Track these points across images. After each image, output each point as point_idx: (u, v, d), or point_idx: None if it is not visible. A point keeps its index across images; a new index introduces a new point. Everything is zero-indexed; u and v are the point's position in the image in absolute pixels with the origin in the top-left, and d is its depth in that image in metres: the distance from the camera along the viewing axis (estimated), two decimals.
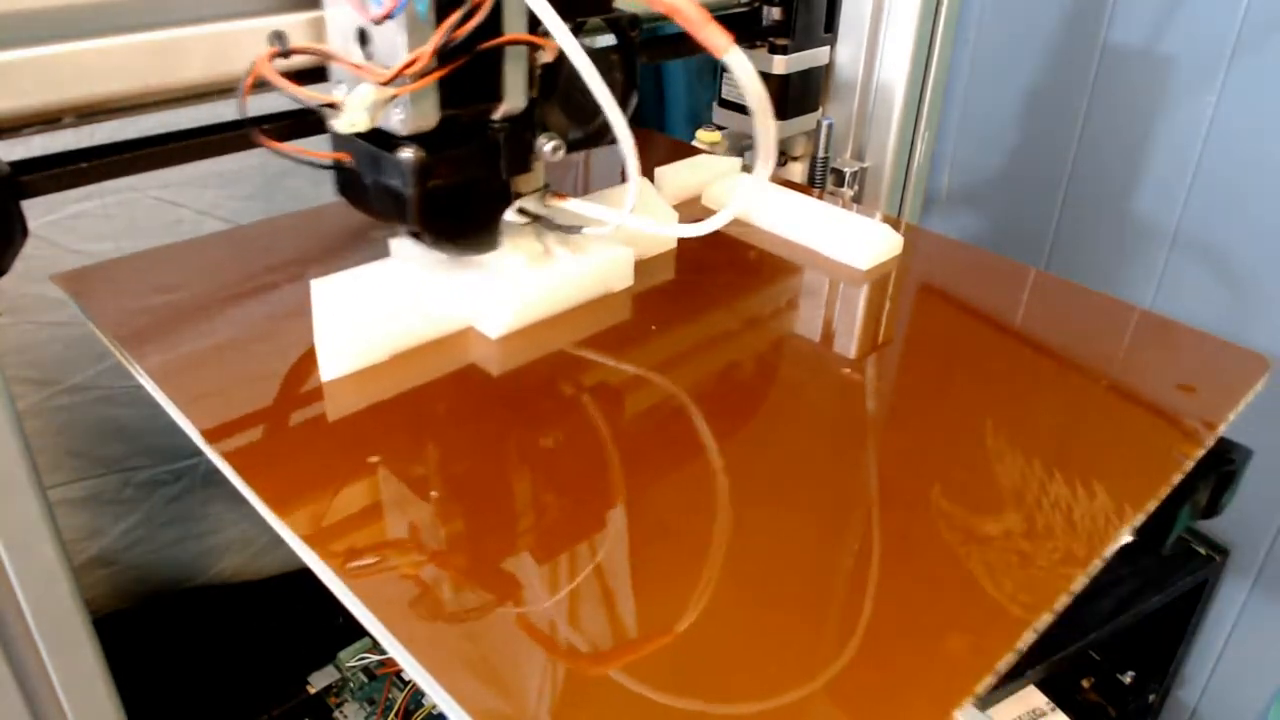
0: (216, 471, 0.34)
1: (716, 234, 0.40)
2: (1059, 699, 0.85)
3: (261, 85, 0.35)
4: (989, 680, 0.27)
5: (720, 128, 0.66)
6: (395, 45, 0.34)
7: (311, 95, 0.35)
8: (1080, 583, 0.30)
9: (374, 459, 0.35)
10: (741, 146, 0.67)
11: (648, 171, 0.55)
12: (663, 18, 0.35)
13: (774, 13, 0.60)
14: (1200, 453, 0.37)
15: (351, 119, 0.34)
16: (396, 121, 0.36)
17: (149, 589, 0.74)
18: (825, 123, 0.64)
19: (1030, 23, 0.90)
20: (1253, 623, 0.91)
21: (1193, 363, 0.43)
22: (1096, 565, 0.31)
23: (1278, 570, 0.87)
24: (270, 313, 0.44)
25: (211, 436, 0.35)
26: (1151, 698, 0.96)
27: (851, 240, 0.50)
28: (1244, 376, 0.41)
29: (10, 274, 0.36)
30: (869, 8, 0.62)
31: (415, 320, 0.41)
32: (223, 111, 0.40)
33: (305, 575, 0.31)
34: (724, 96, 0.65)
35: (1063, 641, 0.79)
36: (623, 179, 0.54)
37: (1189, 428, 0.38)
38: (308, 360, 0.39)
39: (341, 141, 0.39)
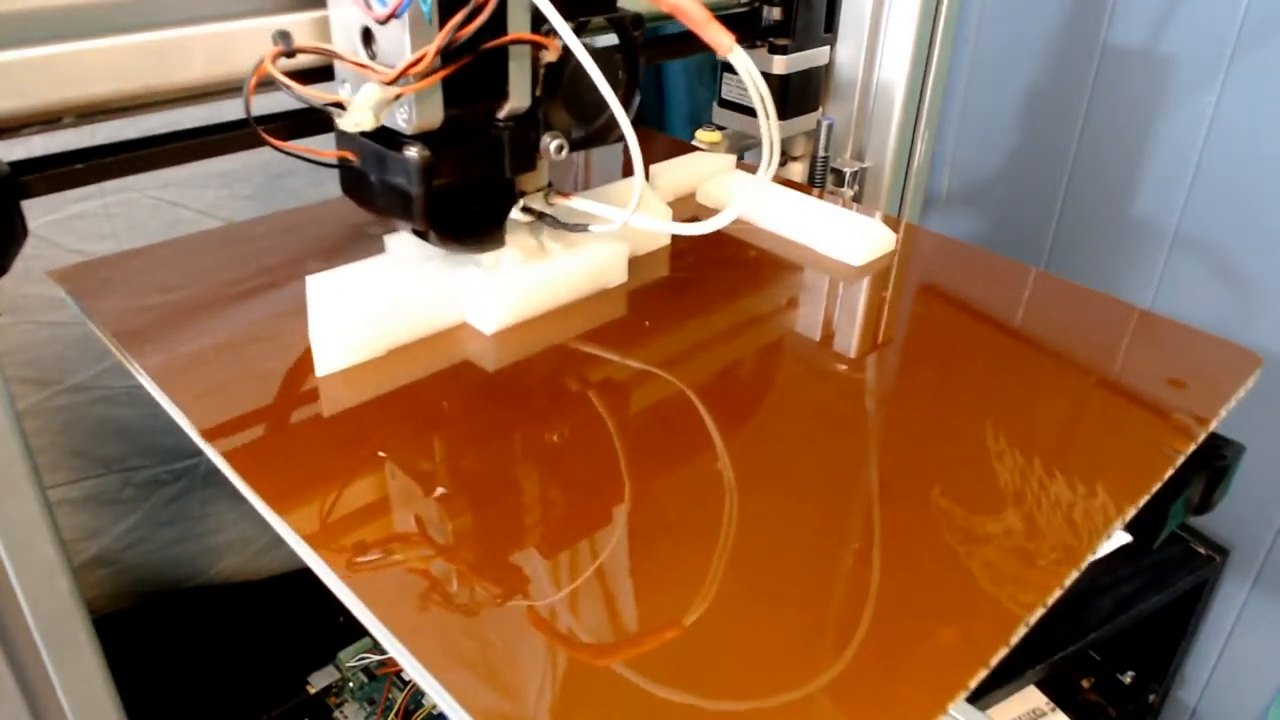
0: (216, 471, 0.34)
1: (713, 231, 0.40)
2: (1059, 699, 0.85)
3: (266, 84, 0.35)
4: (982, 674, 0.27)
5: (720, 128, 0.66)
6: (400, 44, 0.34)
7: (317, 94, 0.36)
8: (1072, 577, 0.30)
9: (373, 457, 0.35)
10: (741, 146, 0.67)
11: (644, 170, 0.55)
12: (664, 17, 0.35)
13: (774, 13, 0.60)
14: (1191, 448, 0.37)
15: (356, 118, 0.34)
16: (401, 120, 0.36)
17: (149, 589, 0.74)
18: (825, 123, 0.64)
19: (1030, 23, 0.90)
20: (1253, 623, 0.91)
21: (1185, 359, 0.43)
22: (1089, 560, 0.31)
23: (1278, 570, 0.87)
24: (270, 312, 0.44)
25: (211, 436, 0.35)
26: (1151, 698, 0.96)
27: (845, 236, 0.50)
28: (1236, 372, 0.41)
29: (10, 274, 0.36)
30: (869, 8, 0.62)
31: (410, 316, 0.41)
32: (223, 111, 0.40)
33: (305, 575, 0.31)
34: (724, 96, 0.65)
35: (1063, 641, 0.79)
36: (624, 175, 0.54)
37: (1180, 423, 0.38)
38: (307, 359, 0.39)
39: (346, 140, 0.39)
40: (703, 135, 0.64)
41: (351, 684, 0.69)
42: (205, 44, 0.37)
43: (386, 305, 0.40)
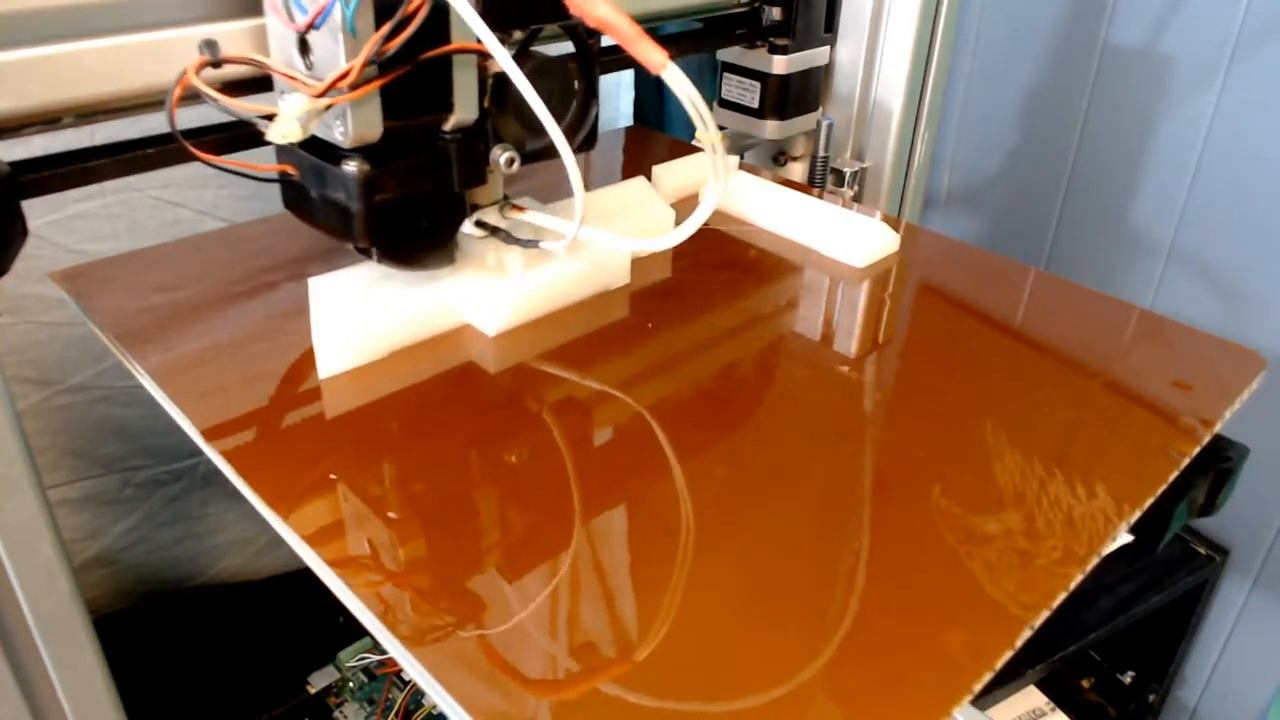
0: (216, 471, 0.34)
1: (713, 232, 0.40)
2: (1059, 699, 0.85)
3: (193, 96, 0.34)
4: (987, 678, 0.27)
5: (720, 127, 0.65)
6: (333, 54, 0.33)
7: (244, 106, 0.34)
8: (1077, 580, 0.30)
9: (374, 458, 0.35)
10: (742, 146, 0.67)
11: (645, 170, 0.55)
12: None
13: (774, 13, 0.60)
14: (1196, 450, 0.37)
15: (284, 130, 0.33)
16: (338, 133, 0.34)
17: (149, 589, 0.74)
18: (825, 123, 0.64)
19: (1030, 23, 0.90)
20: (1253, 623, 0.91)
21: (1189, 361, 0.43)
22: (1094, 563, 0.31)
23: (1278, 570, 0.87)
24: (270, 312, 0.44)
25: (211, 436, 0.35)
26: (1151, 698, 0.96)
27: (848, 238, 0.50)
28: (1240, 374, 0.41)
29: (10, 274, 0.36)
30: (869, 8, 0.62)
31: (412, 318, 0.41)
32: (216, 113, 0.40)
33: (305, 575, 0.31)
34: (724, 96, 0.65)
35: (1063, 641, 0.79)
36: (624, 176, 0.54)
37: (1185, 425, 0.38)
38: (308, 359, 0.39)
39: (285, 154, 0.37)
40: (703, 135, 0.64)
41: (351, 684, 0.69)
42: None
43: (389, 308, 0.40)
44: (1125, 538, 0.33)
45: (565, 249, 0.44)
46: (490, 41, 0.33)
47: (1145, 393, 0.40)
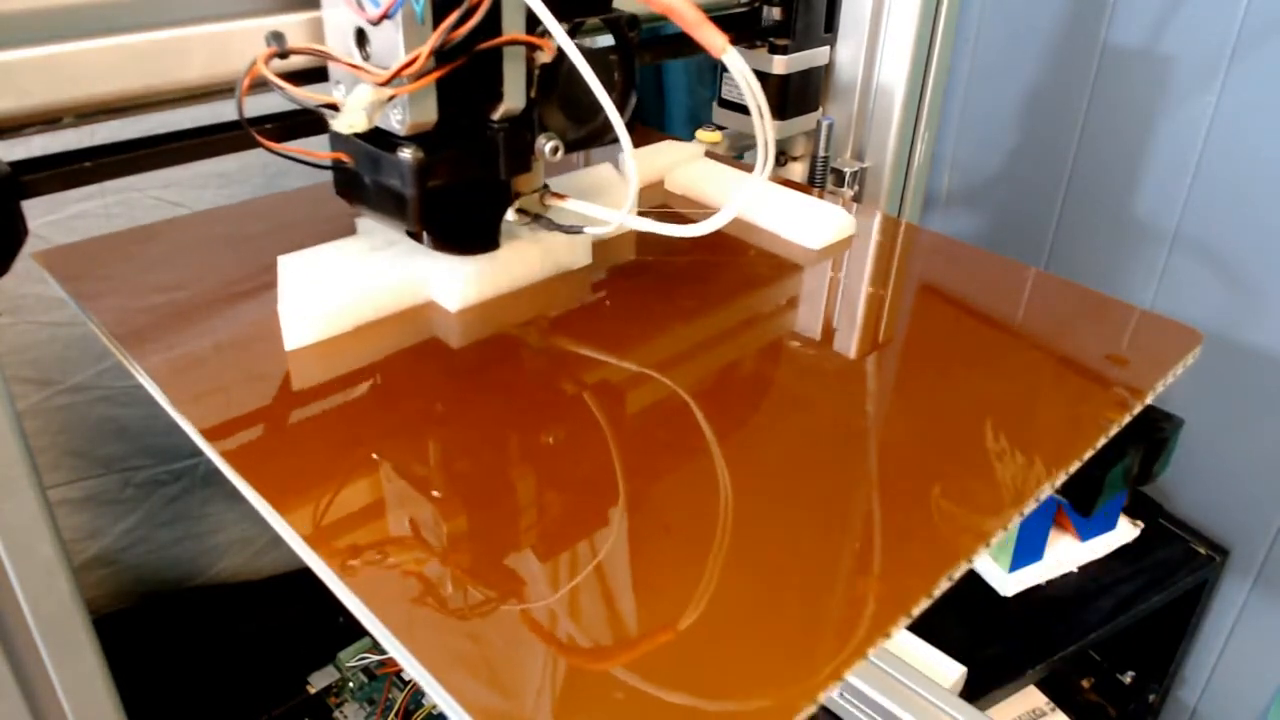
0: (216, 471, 0.34)
1: (676, 215, 0.41)
2: (1059, 699, 0.85)
3: (260, 85, 0.35)
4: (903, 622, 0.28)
5: (720, 127, 0.66)
6: (394, 45, 0.34)
7: (310, 96, 0.35)
8: (999, 535, 0.32)
9: (374, 459, 0.35)
10: (741, 146, 0.67)
11: (609, 157, 0.56)
12: (661, 18, 0.35)
13: (774, 13, 0.60)
14: (1125, 418, 0.38)
15: (350, 120, 0.34)
16: (395, 122, 0.36)
17: (149, 589, 0.74)
18: (825, 123, 0.64)
19: (1030, 23, 0.90)
20: (1253, 623, 0.91)
21: (1127, 336, 0.45)
22: (1016, 519, 0.33)
23: (1278, 570, 0.87)
24: (270, 312, 0.44)
25: (211, 436, 0.35)
26: (1151, 698, 0.96)
27: (806, 221, 0.51)
28: (1176, 348, 0.43)
29: (10, 274, 0.36)
30: (869, 8, 0.62)
31: (376, 292, 0.42)
32: (223, 111, 0.40)
33: (305, 575, 0.31)
34: (724, 96, 0.65)
35: (1063, 641, 0.79)
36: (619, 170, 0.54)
37: (1117, 396, 0.40)
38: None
39: (340, 142, 0.39)
40: (703, 135, 0.65)
41: (351, 684, 0.69)
42: (205, 44, 0.37)
43: (353, 280, 0.41)
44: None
45: (529, 230, 0.45)
46: (557, 30, 0.34)
47: (1081, 365, 0.43)
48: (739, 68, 0.34)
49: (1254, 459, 0.81)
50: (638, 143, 0.38)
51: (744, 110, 0.64)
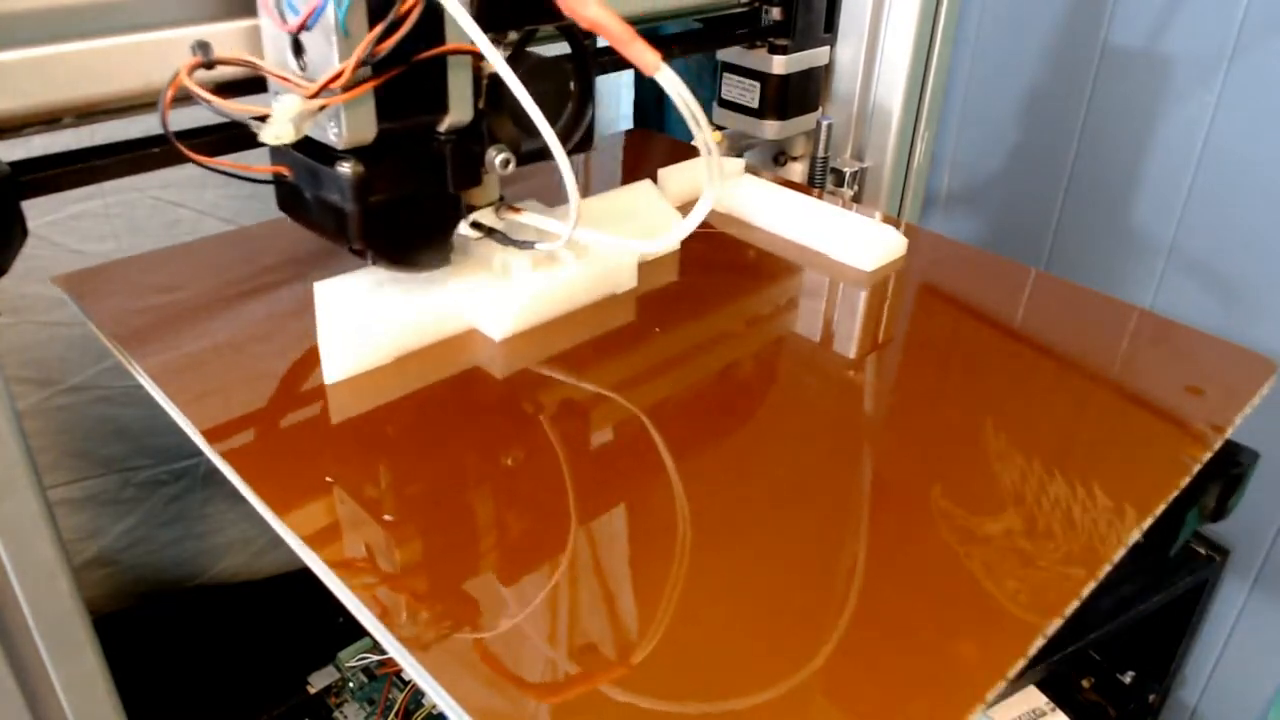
0: (216, 471, 0.34)
1: (720, 235, 0.40)
2: (1059, 699, 0.85)
3: (187, 97, 0.34)
4: (1000, 687, 0.26)
5: (720, 128, 0.66)
6: (326, 55, 0.33)
7: (239, 107, 0.34)
8: (1090, 588, 0.30)
9: (374, 459, 0.35)
10: (742, 146, 0.67)
11: (650, 173, 0.55)
12: (635, 24, 0.34)
13: (774, 13, 0.60)
14: (1208, 455, 0.36)
15: (276, 131, 0.33)
16: (332, 134, 0.34)
17: (149, 589, 0.74)
18: (825, 123, 0.64)
19: (1030, 23, 0.90)
20: (1253, 623, 0.91)
21: (1199, 365, 0.43)
22: (1106, 570, 0.31)
23: (1278, 570, 0.87)
24: (270, 312, 0.44)
25: (211, 436, 0.35)
26: (1151, 698, 0.96)
27: (856, 241, 0.50)
28: (1251, 378, 0.41)
29: (10, 274, 0.36)
30: (869, 8, 0.62)
31: (418, 322, 0.41)
32: (211, 115, 0.40)
33: (305, 575, 0.31)
34: (724, 96, 0.65)
35: (1063, 641, 0.79)
36: (624, 181, 0.54)
37: (1197, 430, 0.38)
38: (308, 360, 0.39)
39: (280, 155, 0.37)
40: (697, 136, 0.64)
41: (351, 684, 0.69)
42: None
43: (395, 312, 0.40)
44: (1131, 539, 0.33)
45: (573, 254, 0.44)
46: (482, 42, 0.32)
47: (1155, 397, 0.40)
48: (672, 85, 0.33)
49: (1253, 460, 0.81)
50: (638, 145, 0.38)
51: (744, 110, 0.64)
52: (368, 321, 0.39)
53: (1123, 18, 0.82)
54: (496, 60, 0.33)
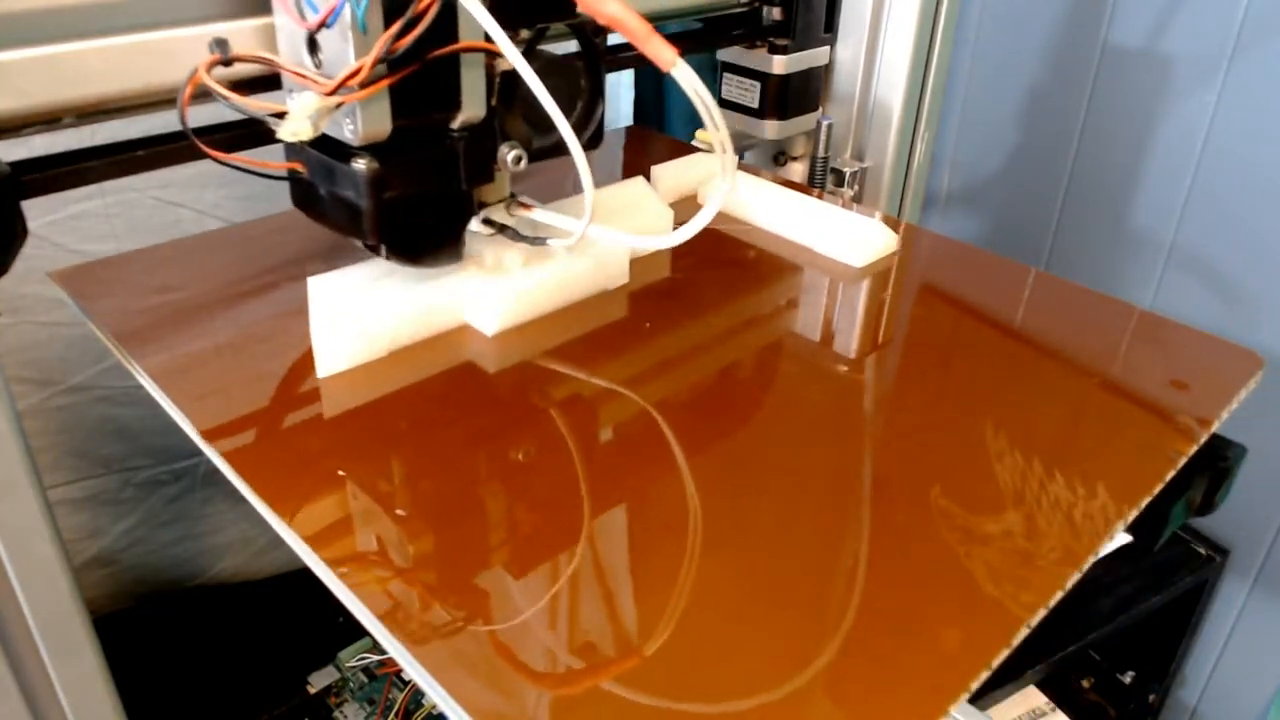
0: (216, 471, 0.34)
1: (713, 232, 0.40)
2: (1059, 699, 0.85)
3: (202, 95, 0.34)
4: (984, 675, 0.27)
5: None
6: (342, 53, 0.33)
7: (255, 104, 0.34)
8: (1074, 579, 0.30)
9: (374, 459, 0.35)
10: (741, 146, 0.67)
11: (644, 170, 0.55)
12: None
13: (774, 13, 0.60)
14: (1193, 449, 0.37)
15: (294, 128, 0.33)
16: (348, 131, 0.35)
17: (149, 589, 0.74)
18: (825, 123, 0.64)
19: (1030, 23, 0.90)
20: (1253, 623, 0.91)
21: (1187, 360, 0.43)
22: (1090, 562, 0.31)
23: (1278, 570, 0.87)
24: (270, 312, 0.44)
25: (211, 436, 0.35)
26: (1151, 698, 0.96)
27: (847, 238, 0.50)
28: (1237, 373, 0.41)
29: (10, 274, 0.36)
30: (869, 8, 0.62)
31: (411, 317, 0.41)
32: (223, 111, 0.40)
33: (305, 575, 0.31)
34: (724, 96, 0.65)
35: (1063, 641, 0.79)
36: (624, 176, 0.54)
37: (1182, 424, 0.38)
38: (307, 360, 0.39)
39: (294, 152, 0.38)
40: (703, 135, 0.64)
41: (351, 684, 0.69)
42: (204, 44, 0.37)
43: (388, 307, 0.40)
44: (1124, 537, 0.34)
45: (565, 248, 0.44)
46: (501, 39, 0.33)
47: (1142, 392, 0.41)
48: (689, 81, 0.33)
49: (1253, 460, 0.81)
50: (637, 144, 0.38)
51: (744, 110, 0.64)
52: (360, 315, 0.39)
53: (1123, 17, 0.82)
54: (515, 57, 0.33)
